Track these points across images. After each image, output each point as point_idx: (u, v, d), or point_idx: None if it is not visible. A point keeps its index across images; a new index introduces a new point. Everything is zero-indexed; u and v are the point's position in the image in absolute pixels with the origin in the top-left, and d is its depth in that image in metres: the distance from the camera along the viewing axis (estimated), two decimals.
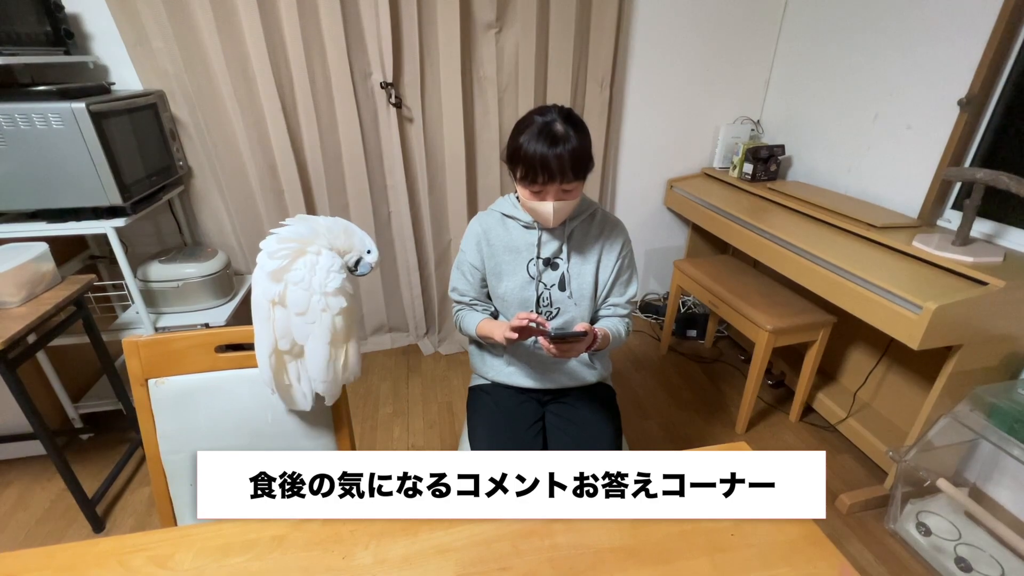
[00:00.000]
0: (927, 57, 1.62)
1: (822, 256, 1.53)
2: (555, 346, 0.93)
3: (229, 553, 0.63)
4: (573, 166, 0.93)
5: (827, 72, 2.03)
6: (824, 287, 1.53)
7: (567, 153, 0.91)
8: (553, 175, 0.92)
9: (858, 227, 1.62)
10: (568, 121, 0.94)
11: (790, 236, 1.66)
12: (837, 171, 2.02)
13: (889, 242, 1.51)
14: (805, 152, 2.20)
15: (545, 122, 0.93)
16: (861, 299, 1.39)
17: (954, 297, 1.21)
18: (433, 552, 0.63)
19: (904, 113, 1.72)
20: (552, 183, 0.94)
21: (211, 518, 0.63)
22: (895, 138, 1.76)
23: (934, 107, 1.60)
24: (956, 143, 1.54)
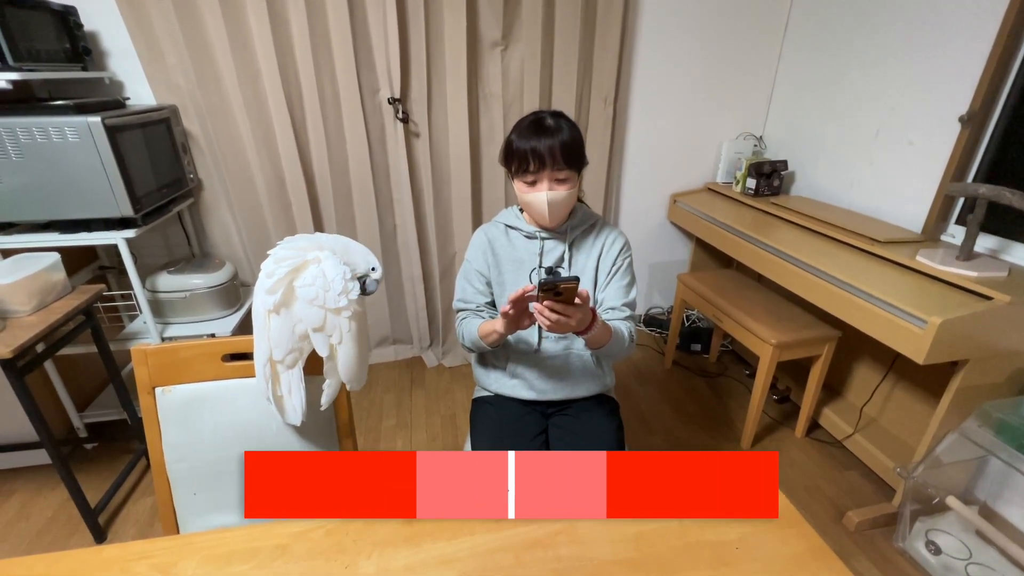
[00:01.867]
0: (928, 73, 1.64)
1: (826, 270, 1.53)
2: (547, 306, 0.83)
3: (232, 561, 0.63)
4: (564, 154, 0.97)
5: (829, 89, 2.05)
6: (828, 301, 1.53)
7: (557, 141, 0.96)
8: (544, 161, 0.96)
9: (862, 242, 1.62)
10: (557, 116, 1.00)
11: (794, 250, 1.67)
12: (840, 186, 2.03)
13: (893, 257, 1.51)
14: (808, 167, 2.21)
15: (535, 118, 1.02)
16: (866, 313, 1.39)
17: (959, 312, 1.21)
18: (435, 562, 0.62)
19: (906, 129, 1.73)
20: (544, 170, 0.98)
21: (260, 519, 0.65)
22: (897, 154, 1.77)
23: (935, 123, 1.62)
24: (958, 159, 1.55)
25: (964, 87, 1.51)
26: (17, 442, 1.68)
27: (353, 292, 0.80)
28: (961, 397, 1.36)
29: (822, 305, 1.56)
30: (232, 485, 0.90)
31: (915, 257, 1.46)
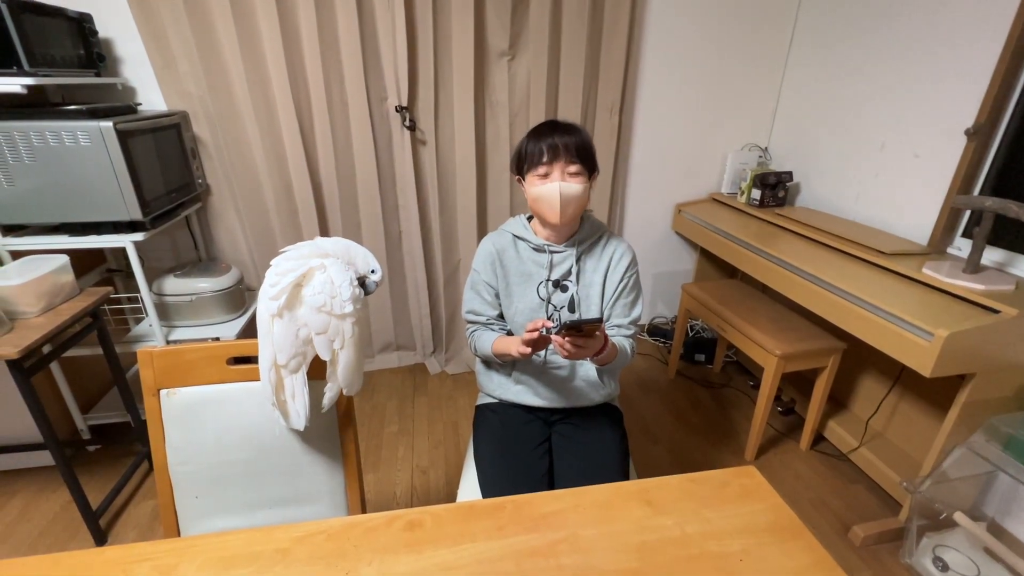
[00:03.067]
0: (933, 86, 1.65)
1: (831, 282, 1.52)
2: (569, 340, 0.87)
3: (233, 565, 0.63)
4: (577, 149, 1.01)
5: (834, 101, 2.06)
6: (834, 313, 1.52)
7: (571, 139, 1.02)
8: (558, 152, 1.01)
9: (867, 253, 1.61)
10: (570, 123, 1.06)
11: (799, 261, 1.66)
12: (845, 198, 2.03)
13: (899, 269, 1.51)
14: (813, 179, 2.21)
15: (550, 121, 1.08)
16: (871, 325, 1.38)
17: (966, 325, 1.20)
18: (437, 570, 0.62)
19: (911, 142, 1.73)
20: (558, 161, 1.01)
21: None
22: (903, 166, 1.77)
23: (941, 136, 1.62)
24: (964, 171, 1.55)
25: (970, 100, 1.52)
26: (20, 443, 1.69)
27: (359, 297, 0.81)
28: (968, 411, 1.34)
29: (827, 316, 1.55)
30: (234, 489, 0.90)
31: (921, 269, 1.46)
